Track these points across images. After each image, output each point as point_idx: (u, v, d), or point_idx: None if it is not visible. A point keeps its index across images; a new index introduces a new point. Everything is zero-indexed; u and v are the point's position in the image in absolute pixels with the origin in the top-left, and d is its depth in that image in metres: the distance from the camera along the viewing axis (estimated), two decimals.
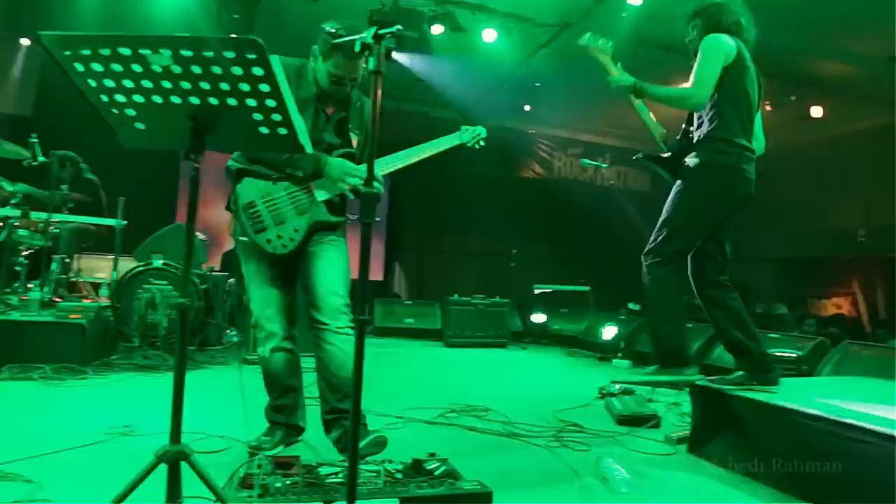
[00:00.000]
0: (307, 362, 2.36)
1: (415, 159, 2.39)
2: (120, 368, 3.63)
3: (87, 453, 2.16)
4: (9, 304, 3.72)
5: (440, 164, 3.51)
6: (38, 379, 3.20)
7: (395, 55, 5.84)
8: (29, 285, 3.95)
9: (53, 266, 4.18)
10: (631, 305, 6.31)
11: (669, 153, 2.74)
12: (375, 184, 2.31)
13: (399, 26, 1.45)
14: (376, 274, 8.23)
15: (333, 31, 2.12)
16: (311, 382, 2.34)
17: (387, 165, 2.32)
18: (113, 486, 1.41)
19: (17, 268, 4.02)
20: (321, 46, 2.21)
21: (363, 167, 2.22)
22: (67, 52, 1.39)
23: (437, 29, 5.98)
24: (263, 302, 2.30)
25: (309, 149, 1.60)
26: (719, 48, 2.51)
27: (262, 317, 2.30)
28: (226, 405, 2.69)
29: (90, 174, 4.54)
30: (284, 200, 2.23)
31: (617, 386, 3.44)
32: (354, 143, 2.35)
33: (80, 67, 1.42)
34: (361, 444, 2.14)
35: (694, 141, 2.65)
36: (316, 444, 2.35)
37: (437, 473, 1.83)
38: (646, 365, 4.54)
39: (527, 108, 7.51)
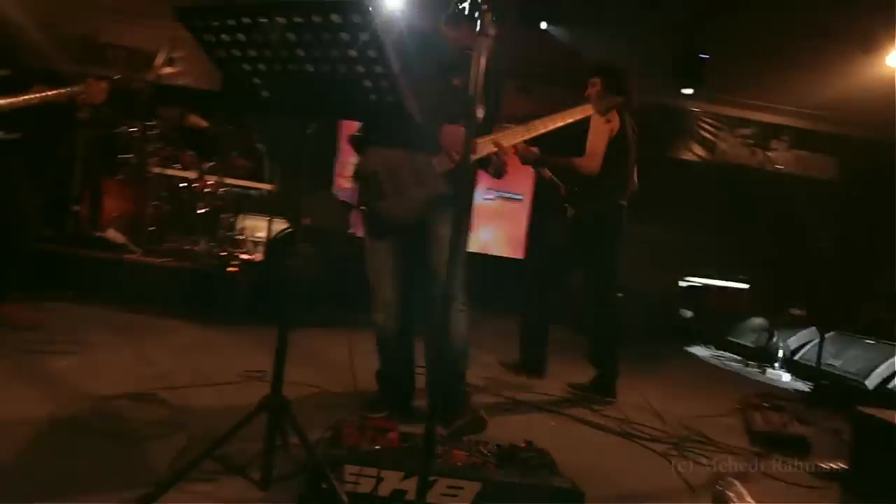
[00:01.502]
0: (419, 333, 2.39)
1: (541, 131, 2.27)
2: (268, 319, 4.00)
3: (222, 391, 2.42)
4: (185, 255, 4.30)
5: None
6: (198, 322, 3.64)
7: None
8: (201, 240, 4.51)
9: (221, 224, 4.72)
10: (793, 310, 5.52)
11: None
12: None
13: None
14: (517, 252, 8.11)
15: None
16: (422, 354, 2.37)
17: (510, 137, 2.23)
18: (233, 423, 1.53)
19: (192, 224, 4.62)
20: (447, 15, 2.16)
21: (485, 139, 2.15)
22: (200, 25, 1.49)
23: None
24: (380, 271, 2.35)
25: (417, 118, 1.57)
26: (608, 123, 2.99)
27: (378, 285, 2.35)
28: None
29: (258, 144, 5.03)
30: (405, 171, 2.23)
31: (759, 400, 3.03)
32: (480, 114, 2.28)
33: (210, 39, 1.51)
34: (460, 421, 2.12)
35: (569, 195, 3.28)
36: (421, 415, 2.38)
37: (529, 463, 1.75)
38: (808, 378, 4.00)
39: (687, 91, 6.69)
